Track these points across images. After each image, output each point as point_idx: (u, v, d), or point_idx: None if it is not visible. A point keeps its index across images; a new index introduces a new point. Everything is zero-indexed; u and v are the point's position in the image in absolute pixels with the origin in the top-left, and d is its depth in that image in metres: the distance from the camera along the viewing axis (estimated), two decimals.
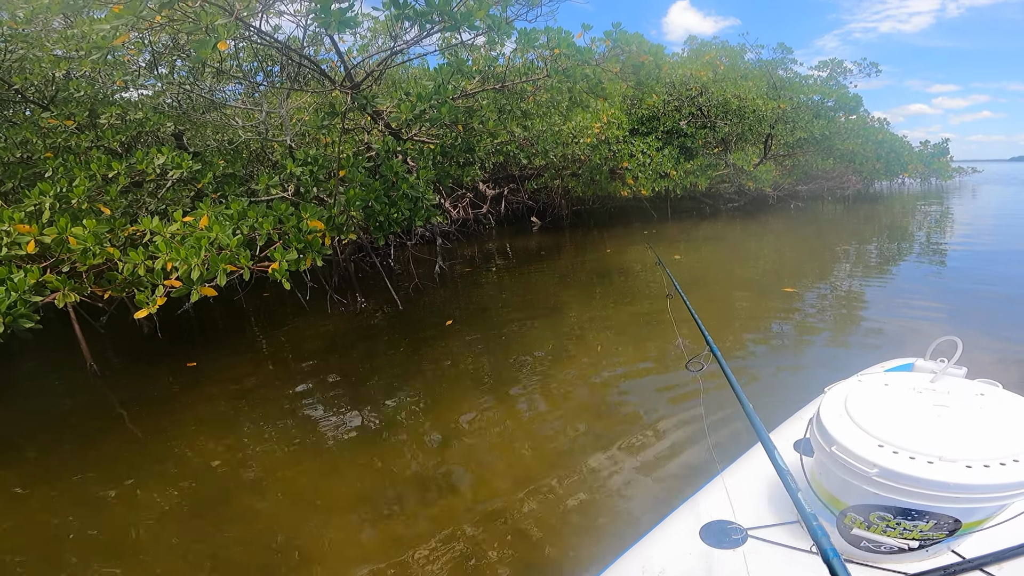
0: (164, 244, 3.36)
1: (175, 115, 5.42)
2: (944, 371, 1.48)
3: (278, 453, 3.34)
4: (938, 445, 1.19)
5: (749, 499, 1.65)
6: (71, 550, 2.56)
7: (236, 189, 5.04)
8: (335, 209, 3.98)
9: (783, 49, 13.00)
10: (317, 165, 4.45)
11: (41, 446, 3.57)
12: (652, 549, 1.54)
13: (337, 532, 2.59)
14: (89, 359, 4.69)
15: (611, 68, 4.58)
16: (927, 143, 19.47)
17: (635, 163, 9.81)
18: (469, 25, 3.22)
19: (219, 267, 3.27)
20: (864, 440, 1.26)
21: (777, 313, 5.37)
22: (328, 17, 2.80)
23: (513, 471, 2.97)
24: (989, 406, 1.33)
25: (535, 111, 6.90)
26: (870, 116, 16.52)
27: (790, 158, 14.04)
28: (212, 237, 3.37)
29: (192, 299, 3.28)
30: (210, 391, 4.25)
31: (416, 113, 3.89)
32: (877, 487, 1.21)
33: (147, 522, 2.74)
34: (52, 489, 3.07)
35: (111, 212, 4.62)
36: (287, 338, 5.43)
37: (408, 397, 3.95)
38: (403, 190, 4.30)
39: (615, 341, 4.85)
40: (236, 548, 2.52)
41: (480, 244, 11.18)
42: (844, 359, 4.18)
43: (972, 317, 5.15)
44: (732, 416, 3.18)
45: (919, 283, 6.61)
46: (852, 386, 1.47)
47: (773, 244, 9.86)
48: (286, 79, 5.72)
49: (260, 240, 3.58)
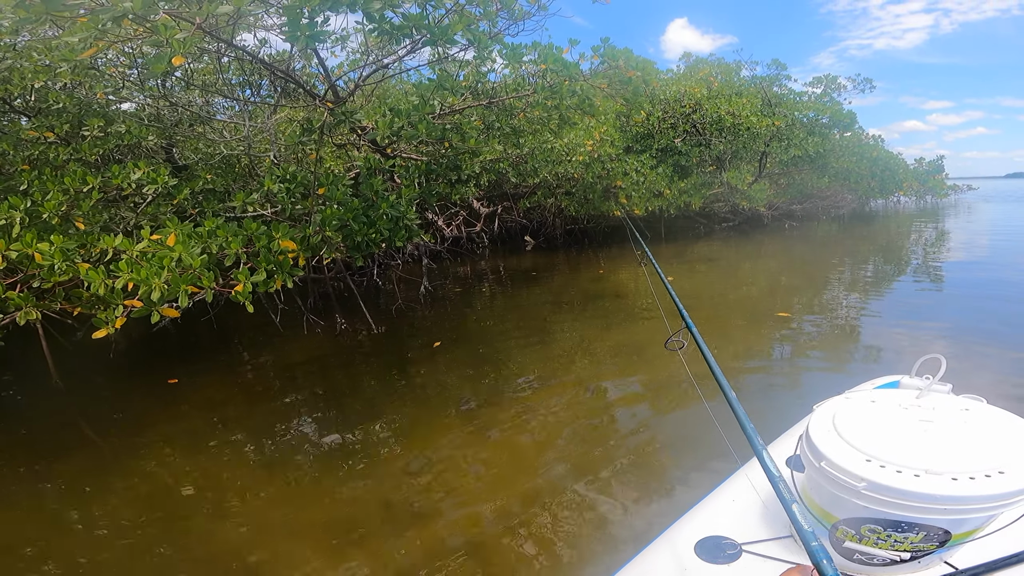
0: (126, 263, 3.20)
1: (158, 128, 5.29)
2: (929, 387, 1.51)
3: (244, 474, 3.22)
4: (924, 458, 1.22)
5: (743, 514, 1.67)
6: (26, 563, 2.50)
7: (215, 205, 4.89)
8: (310, 229, 3.81)
9: (777, 65, 13.00)
10: (295, 182, 4.30)
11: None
12: (647, 565, 1.55)
13: (296, 558, 2.46)
14: (54, 375, 4.51)
15: (599, 84, 4.46)
16: (922, 160, 19.49)
17: (629, 181, 9.70)
18: (447, 40, 3.10)
19: (181, 288, 3.11)
20: (852, 455, 1.28)
21: (770, 338, 5.22)
22: (296, 31, 2.67)
23: (495, 495, 2.80)
24: (974, 420, 1.36)
25: (527, 128, 6.81)
26: (865, 133, 16.53)
27: (785, 176, 13.98)
28: (175, 256, 3.21)
29: (153, 320, 3.12)
30: (183, 409, 4.15)
31: (394, 130, 3.74)
32: (866, 500, 1.23)
33: (99, 538, 2.67)
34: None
35: (85, 227, 4.51)
36: (268, 358, 5.27)
37: (382, 422, 3.79)
38: (383, 209, 4.15)
39: (605, 365, 4.68)
40: (186, 567, 2.45)
41: (473, 263, 11.03)
42: (837, 382, 4.01)
43: (968, 336, 5.07)
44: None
45: (914, 305, 6.50)
46: (840, 403, 1.50)
47: (767, 266, 9.71)
48: (274, 93, 5.62)
49: (228, 260, 3.41)
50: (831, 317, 6.01)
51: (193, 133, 5.70)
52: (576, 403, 3.91)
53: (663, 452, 3.19)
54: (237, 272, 3.17)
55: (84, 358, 5.27)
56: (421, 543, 2.50)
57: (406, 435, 3.56)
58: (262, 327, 5.75)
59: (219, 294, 3.36)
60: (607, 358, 4.86)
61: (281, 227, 3.63)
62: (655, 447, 3.24)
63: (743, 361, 4.61)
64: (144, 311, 3.15)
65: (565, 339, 5.41)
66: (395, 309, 6.23)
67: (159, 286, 3.13)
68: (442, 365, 4.78)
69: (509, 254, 11.99)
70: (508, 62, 4.23)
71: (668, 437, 3.35)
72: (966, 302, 6.51)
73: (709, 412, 2.58)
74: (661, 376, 4.25)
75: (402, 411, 3.92)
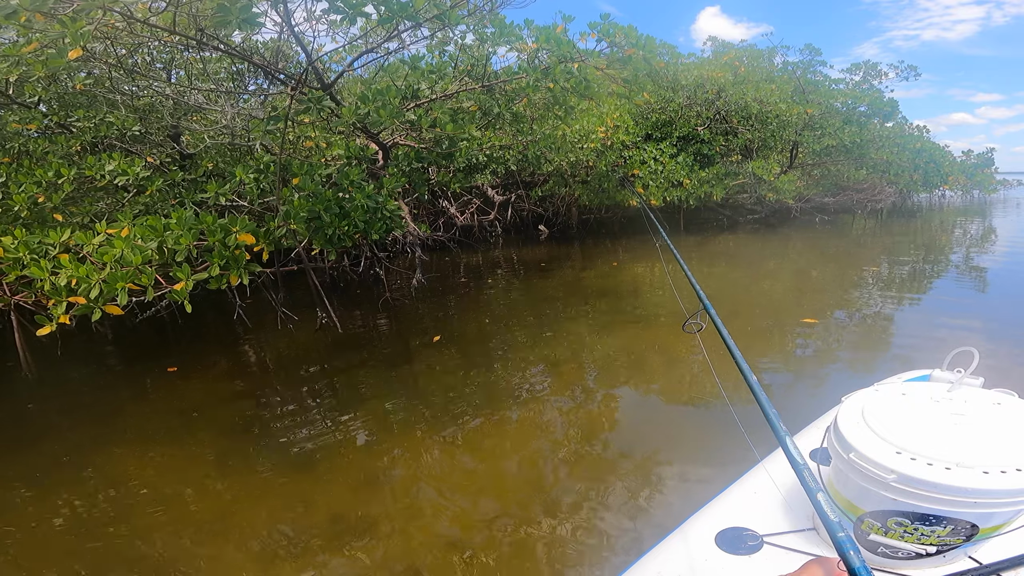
0: (68, 259, 3.02)
1: (144, 115, 5.11)
2: (961, 381, 1.50)
3: (200, 471, 3.14)
4: (955, 452, 1.21)
5: (764, 506, 1.65)
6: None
7: (194, 196, 4.68)
8: (274, 221, 3.54)
9: (811, 51, 12.12)
10: (269, 172, 4.05)
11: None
12: (668, 555, 1.54)
13: (231, 562, 2.35)
14: (24, 366, 4.42)
15: (598, 64, 4.05)
16: (970, 153, 18.18)
17: (646, 170, 9.19)
18: (408, 16, 2.76)
19: (118, 286, 2.89)
20: (882, 447, 1.27)
21: (793, 343, 4.77)
22: (226, 15, 2.38)
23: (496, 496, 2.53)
24: (1006, 414, 1.34)
25: (531, 114, 6.40)
26: (908, 124, 15.45)
27: (819, 167, 13.15)
28: (116, 254, 2.99)
29: (94, 317, 2.97)
30: (154, 403, 4.09)
31: (360, 116, 3.43)
32: (895, 492, 1.23)
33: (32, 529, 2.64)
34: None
35: (63, 219, 4.40)
36: (249, 350, 5.15)
37: (352, 425, 3.60)
38: (358, 200, 3.85)
39: (615, 368, 4.41)
40: (116, 564, 2.38)
41: (485, 253, 10.72)
42: (864, 381, 3.65)
43: (1007, 332, 4.84)
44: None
45: (951, 303, 6.17)
46: (869, 395, 1.48)
47: (794, 263, 9.08)
48: (254, 81, 5.36)
49: (179, 255, 3.17)
50: (861, 316, 5.62)
51: (187, 121, 5.53)
52: (584, 399, 3.65)
53: (675, 445, 3.12)
54: (175, 270, 2.92)
55: (71, 349, 5.22)
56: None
57: (376, 442, 3.33)
58: (264, 316, 5.58)
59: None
60: (615, 358, 4.58)
61: (240, 220, 3.37)
62: (667, 440, 3.18)
63: (761, 362, 4.34)
64: (87, 308, 2.98)
65: (570, 338, 5.12)
66: (380, 303, 5.97)
67: (98, 283, 2.93)
68: (436, 363, 4.54)
69: (523, 244, 11.62)
70: (494, 42, 3.86)
71: (682, 430, 3.30)
72: (1007, 300, 6.20)
73: (727, 402, 2.58)
74: (675, 372, 4.11)
75: (374, 414, 3.70)
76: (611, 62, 4.03)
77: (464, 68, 4.89)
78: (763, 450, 1.83)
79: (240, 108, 4.55)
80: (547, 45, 3.97)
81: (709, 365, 3.10)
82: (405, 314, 6.08)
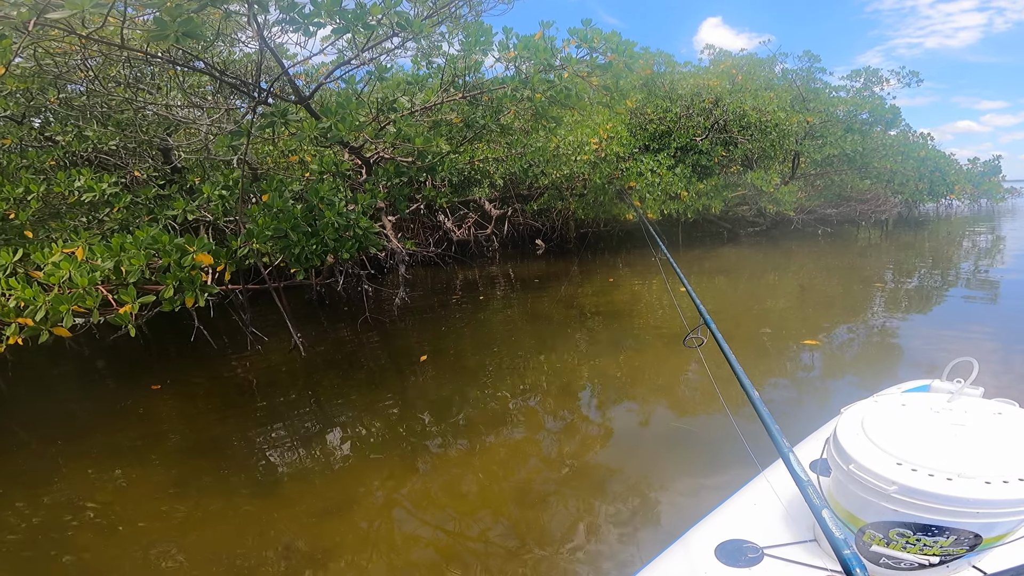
0: (16, 281, 2.89)
1: (120, 129, 5.00)
2: (961, 391, 1.49)
3: (150, 494, 3.04)
4: (957, 462, 1.21)
5: (764, 518, 1.63)
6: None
7: (166, 212, 4.55)
8: (236, 241, 3.38)
9: (810, 57, 11.93)
10: (236, 188, 3.90)
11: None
12: (667, 568, 1.53)
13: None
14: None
15: (579, 72, 3.90)
16: (976, 161, 17.90)
17: (643, 182, 8.99)
18: (364, 25, 2.61)
19: (63, 309, 2.74)
20: (882, 458, 1.27)
21: (794, 365, 4.55)
22: (164, 29, 2.23)
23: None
24: (1007, 424, 1.33)
25: (523, 125, 6.25)
26: (912, 132, 15.20)
27: (821, 178, 12.90)
28: (63, 275, 2.83)
29: (41, 340, 2.84)
30: (119, 421, 3.99)
31: (322, 129, 3.28)
32: (896, 504, 1.22)
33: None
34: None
35: (35, 236, 4.28)
36: (223, 369, 4.99)
37: (321, 449, 3.45)
38: (328, 218, 3.69)
39: (615, 383, 4.26)
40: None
41: (481, 268, 10.55)
42: (864, 395, 3.45)
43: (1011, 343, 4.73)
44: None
45: (957, 314, 6.06)
46: (868, 407, 1.47)
47: (796, 279, 8.80)
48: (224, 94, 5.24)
49: (131, 276, 3.01)
50: (866, 332, 5.42)
51: (175, 137, 5.44)
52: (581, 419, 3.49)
53: (675, 457, 3.09)
54: (120, 293, 2.75)
55: (58, 365, 5.26)
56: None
57: (336, 472, 3.11)
58: (241, 337, 5.42)
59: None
60: (614, 375, 4.41)
61: (198, 239, 3.21)
62: (666, 453, 3.16)
63: (763, 377, 4.20)
64: (35, 330, 2.86)
65: (567, 354, 4.93)
66: (360, 323, 5.80)
67: (44, 306, 2.79)
68: (418, 384, 4.35)
69: (520, 259, 11.44)
70: (469, 50, 3.71)
71: (681, 443, 3.26)
72: (1014, 312, 6.07)
73: (729, 414, 2.55)
74: (675, 386, 4.01)
75: (334, 440, 3.53)
76: (592, 69, 3.86)
77: (448, 79, 4.76)
78: (763, 459, 1.81)
79: (214, 121, 4.42)
80: (525, 53, 3.82)
81: (710, 378, 3.03)
82: (395, 333, 5.90)
